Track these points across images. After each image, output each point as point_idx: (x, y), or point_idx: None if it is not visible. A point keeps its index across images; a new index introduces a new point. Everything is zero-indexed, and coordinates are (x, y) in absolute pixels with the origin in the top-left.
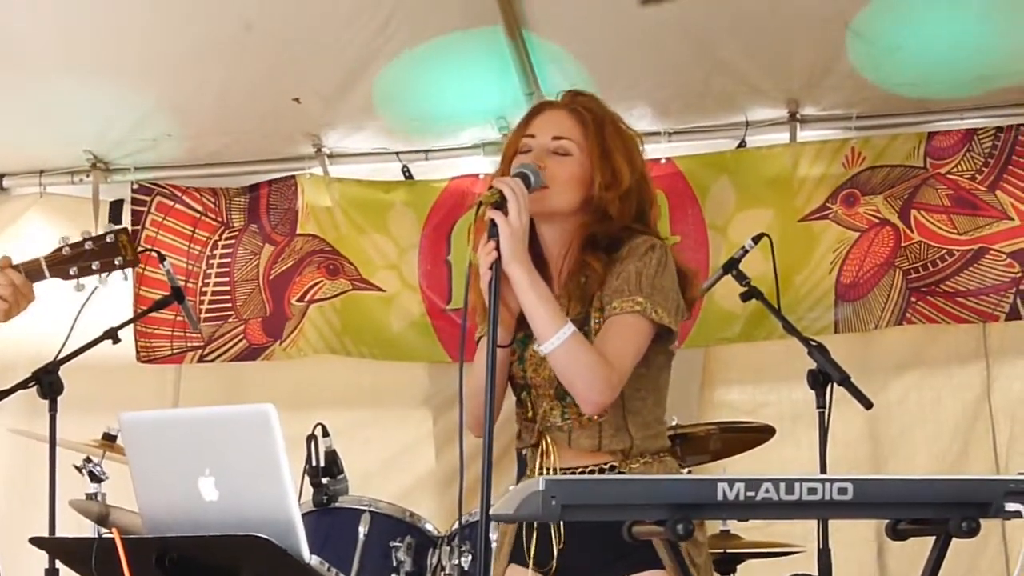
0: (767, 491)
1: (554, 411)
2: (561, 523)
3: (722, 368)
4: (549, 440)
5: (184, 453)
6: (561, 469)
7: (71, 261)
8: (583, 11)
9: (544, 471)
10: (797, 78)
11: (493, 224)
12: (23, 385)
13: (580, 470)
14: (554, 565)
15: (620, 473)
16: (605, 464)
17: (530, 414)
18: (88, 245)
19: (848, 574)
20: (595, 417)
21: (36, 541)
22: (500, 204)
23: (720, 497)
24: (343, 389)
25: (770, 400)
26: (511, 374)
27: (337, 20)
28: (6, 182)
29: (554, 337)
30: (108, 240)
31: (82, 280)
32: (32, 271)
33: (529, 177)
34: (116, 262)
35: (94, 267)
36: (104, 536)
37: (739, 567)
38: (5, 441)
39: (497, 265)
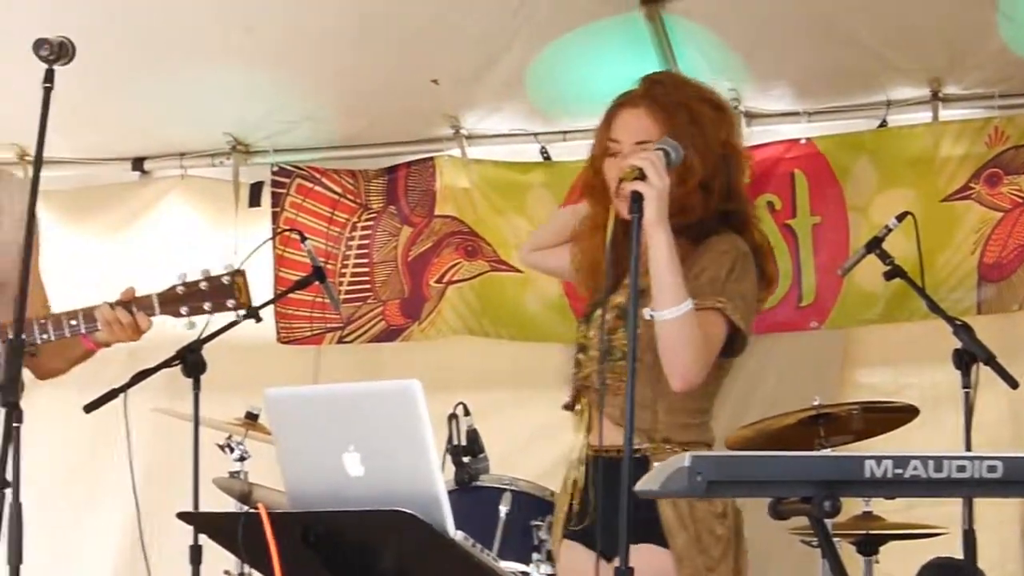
0: (915, 468)
1: (596, 375)
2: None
3: (863, 349)
4: (585, 401)
5: (329, 429)
6: (591, 447)
7: (183, 300)
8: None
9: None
10: (939, 57)
11: (635, 200)
12: (167, 364)
13: (605, 453)
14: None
15: (647, 461)
16: (634, 450)
17: (580, 375)
18: (203, 285)
19: (991, 556)
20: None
21: (184, 516)
22: (641, 177)
23: (868, 474)
24: (481, 370)
25: (911, 382)
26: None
27: (474, 1)
28: (147, 165)
29: (675, 307)
30: (224, 281)
31: (193, 319)
32: (144, 307)
33: (669, 153)
34: (229, 304)
35: (206, 307)
36: (250, 511)
37: (881, 549)
38: (148, 420)
39: (637, 228)
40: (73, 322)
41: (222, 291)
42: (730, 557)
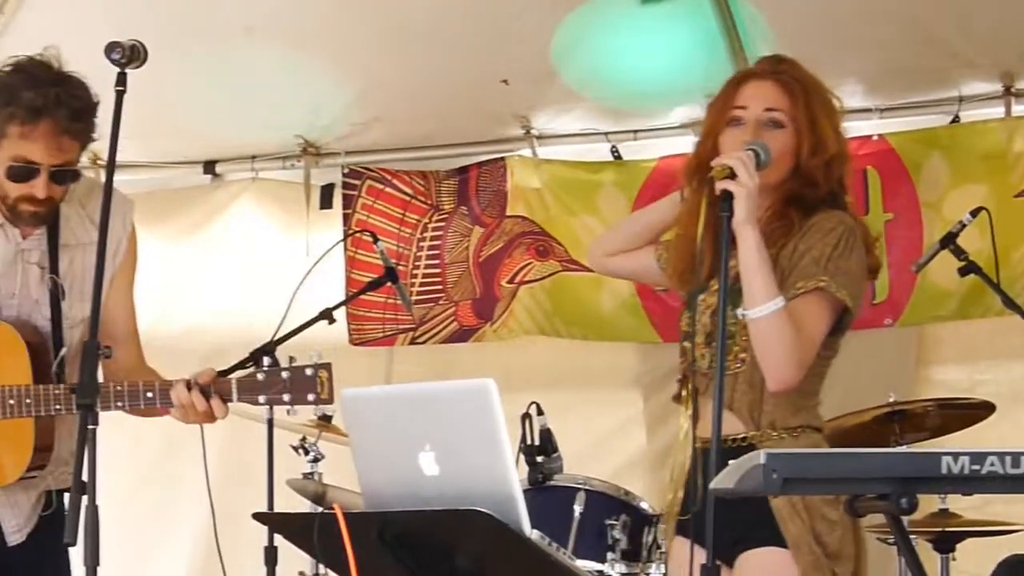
0: (992, 464)
1: (703, 358)
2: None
3: (937, 346)
4: (691, 386)
5: (404, 428)
6: (700, 439)
7: (263, 389)
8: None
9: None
10: (1012, 51)
11: (725, 198)
12: (241, 365)
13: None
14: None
15: (752, 448)
16: (738, 436)
17: (686, 361)
18: (285, 374)
19: None
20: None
21: (259, 516)
22: (731, 176)
23: (944, 471)
24: (553, 370)
25: (986, 378)
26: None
27: (544, 2)
28: (219, 168)
29: (763, 305)
30: (307, 373)
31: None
32: (222, 391)
33: (759, 154)
34: (309, 398)
35: (285, 399)
36: (326, 511)
37: (958, 546)
38: (223, 422)
39: (727, 226)
40: (149, 394)
41: (304, 383)
42: (849, 541)
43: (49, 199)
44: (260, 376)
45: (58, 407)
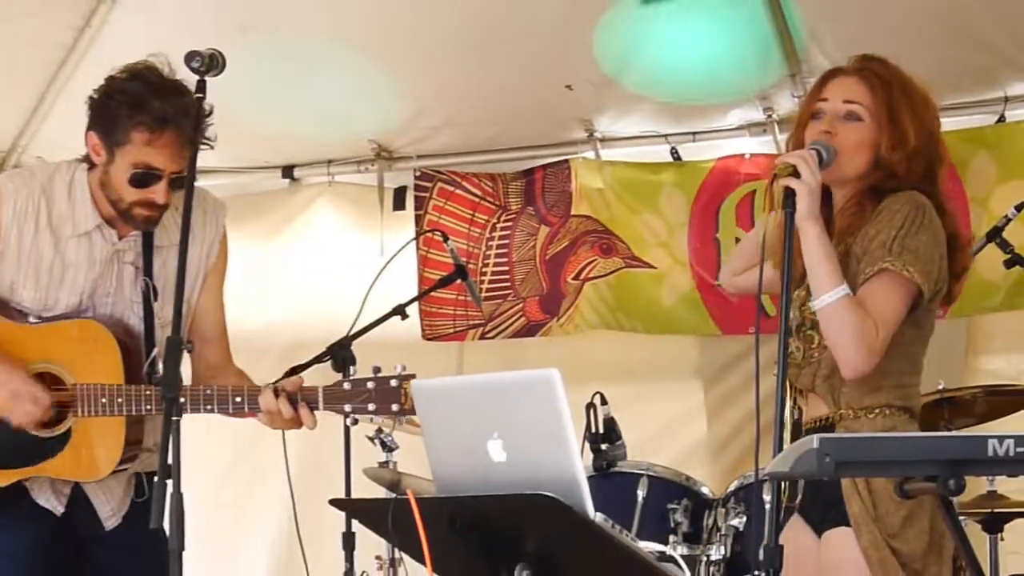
0: None
1: (799, 350)
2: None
3: (985, 337)
4: (789, 377)
5: (473, 417)
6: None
7: (348, 398)
8: (850, 7)
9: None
10: None
11: (788, 194)
12: (319, 359)
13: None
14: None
15: (834, 429)
16: (822, 417)
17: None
18: (370, 384)
19: None
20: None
21: (336, 503)
22: (794, 174)
23: (991, 453)
24: (617, 362)
25: None
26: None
27: (604, 8)
28: (297, 172)
29: (827, 295)
30: (392, 384)
31: (357, 417)
32: (308, 399)
33: (822, 154)
34: (393, 407)
35: (369, 408)
36: (399, 497)
37: (1006, 527)
38: None
39: (790, 222)
40: (238, 399)
41: (388, 394)
42: (919, 522)
43: (164, 205)
44: (346, 386)
45: (148, 407)
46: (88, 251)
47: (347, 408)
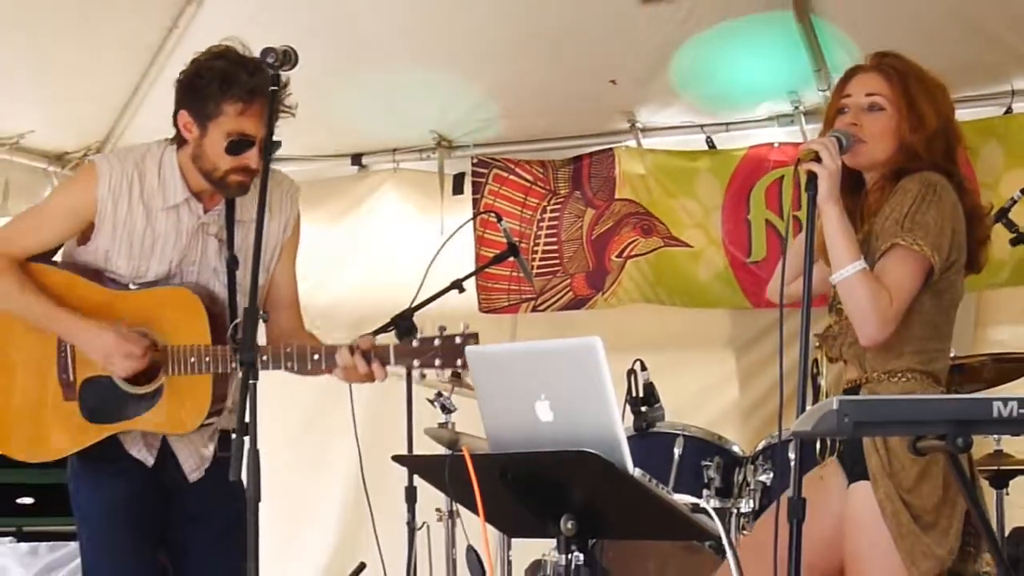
0: None
1: (835, 323)
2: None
3: (993, 310)
4: (823, 349)
5: (523, 381)
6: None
7: (417, 354)
8: (870, 7)
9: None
10: None
11: (811, 178)
12: (383, 329)
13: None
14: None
15: (859, 391)
16: (852, 380)
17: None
18: (437, 342)
19: None
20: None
21: (398, 458)
22: (816, 160)
23: (995, 414)
24: (657, 333)
25: None
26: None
27: (646, 10)
28: (365, 160)
29: (844, 269)
30: (457, 342)
31: (425, 372)
32: (380, 356)
33: (842, 140)
34: (458, 363)
35: (436, 363)
36: (456, 454)
37: (1011, 482)
38: None
39: (812, 203)
40: (316, 357)
41: (453, 351)
42: (933, 479)
43: (255, 170)
44: (415, 343)
45: (232, 366)
46: (176, 223)
47: (415, 363)
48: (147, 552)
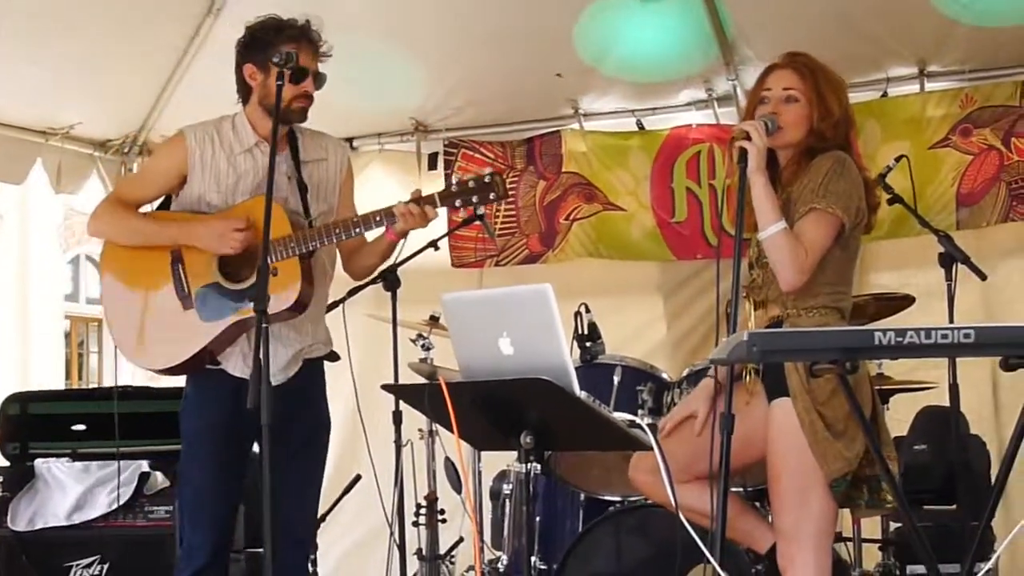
0: (912, 337)
1: (759, 276)
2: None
3: (874, 258)
4: (751, 297)
5: (488, 321)
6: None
7: (457, 195)
8: (767, 7)
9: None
10: (925, 44)
11: (742, 153)
12: (373, 282)
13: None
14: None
15: (782, 325)
16: (775, 317)
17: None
18: (471, 183)
19: (969, 402)
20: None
21: (387, 387)
22: (747, 138)
23: (877, 342)
24: (598, 282)
25: (910, 281)
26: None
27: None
28: (355, 143)
29: (769, 228)
30: (486, 180)
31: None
32: (428, 202)
33: (768, 124)
34: (491, 196)
35: (474, 199)
36: (434, 383)
37: (890, 400)
38: (362, 322)
39: (743, 174)
40: (378, 218)
41: (485, 187)
42: (839, 393)
43: (311, 97)
44: (454, 188)
45: (314, 244)
46: (253, 163)
47: (457, 203)
48: (238, 469)
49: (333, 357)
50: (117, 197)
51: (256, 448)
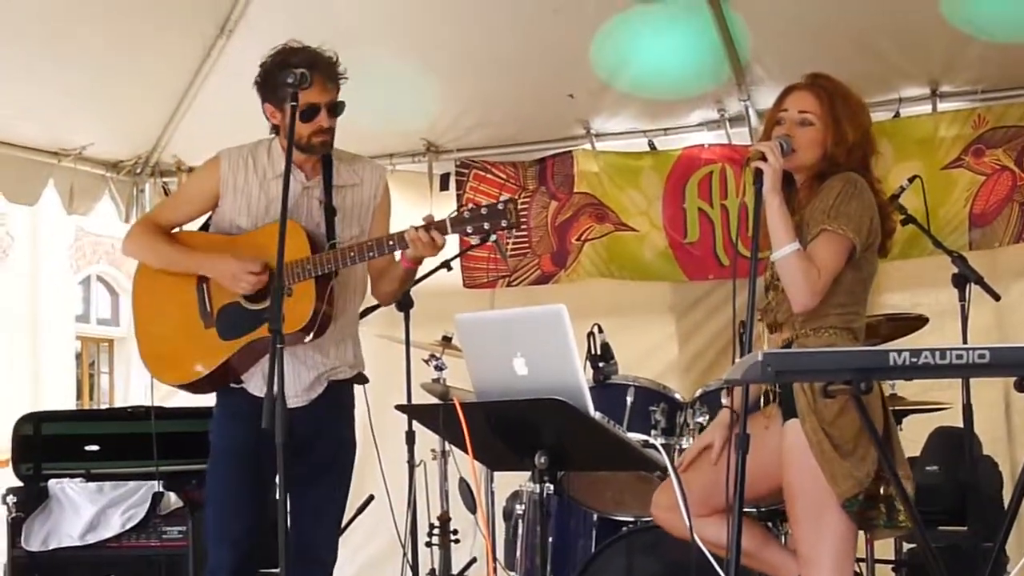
0: (926, 357)
1: (774, 299)
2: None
3: (887, 279)
4: (764, 319)
5: (502, 341)
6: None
7: (469, 222)
8: (779, 28)
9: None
10: (936, 65)
11: (758, 173)
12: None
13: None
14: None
15: (792, 347)
16: (787, 339)
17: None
18: (483, 210)
19: (983, 423)
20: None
21: (400, 407)
22: (762, 159)
23: (891, 363)
24: (610, 302)
25: (922, 301)
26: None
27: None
28: None
29: (782, 249)
30: (499, 207)
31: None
32: (439, 228)
33: (783, 145)
34: (503, 223)
35: (485, 227)
36: (448, 403)
37: (904, 420)
38: (374, 343)
39: (759, 195)
40: (390, 243)
41: (497, 214)
42: (851, 413)
43: (330, 129)
44: (466, 214)
45: (331, 267)
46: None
47: (468, 229)
48: (258, 488)
49: (361, 379)
50: (152, 219)
51: None
